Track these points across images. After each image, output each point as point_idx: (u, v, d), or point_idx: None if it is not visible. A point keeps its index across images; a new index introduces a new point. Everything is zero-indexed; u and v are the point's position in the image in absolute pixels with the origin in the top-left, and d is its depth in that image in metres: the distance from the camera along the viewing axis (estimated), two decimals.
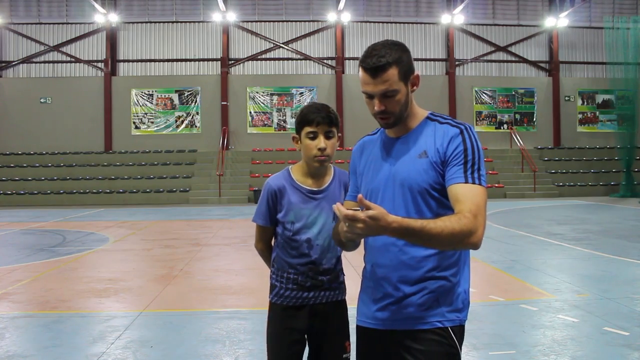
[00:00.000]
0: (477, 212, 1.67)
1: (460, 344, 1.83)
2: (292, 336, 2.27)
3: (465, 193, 1.71)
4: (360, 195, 1.56)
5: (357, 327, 1.98)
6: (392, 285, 1.83)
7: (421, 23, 23.55)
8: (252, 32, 23.19)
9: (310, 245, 2.27)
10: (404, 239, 1.64)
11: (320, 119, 2.23)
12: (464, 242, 1.64)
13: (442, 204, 1.80)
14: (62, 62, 22.82)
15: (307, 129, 2.25)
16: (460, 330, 1.84)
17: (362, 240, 1.96)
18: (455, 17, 22.73)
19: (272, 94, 22.90)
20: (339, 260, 2.36)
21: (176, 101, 22.83)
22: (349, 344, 2.31)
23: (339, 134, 2.33)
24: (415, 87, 1.85)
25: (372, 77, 1.77)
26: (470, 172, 1.74)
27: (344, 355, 2.29)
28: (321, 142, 2.23)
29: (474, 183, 1.72)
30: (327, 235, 2.28)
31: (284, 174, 2.36)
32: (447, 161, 1.77)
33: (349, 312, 2.37)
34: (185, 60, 23.02)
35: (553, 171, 22.04)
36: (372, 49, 1.79)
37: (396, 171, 1.84)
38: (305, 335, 2.30)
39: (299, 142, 2.31)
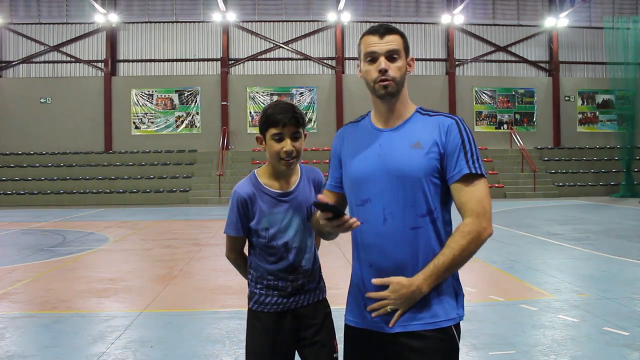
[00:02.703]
0: (480, 211, 1.75)
1: (459, 339, 1.83)
2: (276, 344, 2.19)
3: (467, 192, 1.76)
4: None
5: (349, 327, 1.93)
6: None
7: (421, 23, 23.56)
8: (252, 32, 23.19)
9: (288, 248, 2.20)
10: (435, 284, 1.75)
11: (287, 120, 2.11)
12: (477, 246, 1.76)
13: (437, 194, 1.80)
14: (62, 62, 22.82)
15: (273, 131, 2.13)
16: (459, 326, 1.84)
17: (351, 237, 1.94)
18: (455, 17, 22.73)
19: (272, 94, 22.90)
20: (316, 259, 2.29)
21: (176, 101, 22.83)
22: (337, 343, 2.26)
23: (305, 133, 2.23)
24: (410, 69, 1.88)
25: (379, 38, 1.83)
26: (472, 161, 1.77)
27: (334, 355, 2.24)
28: (288, 144, 2.12)
29: (476, 172, 1.77)
30: (303, 236, 2.22)
31: (251, 179, 2.27)
32: (447, 154, 1.78)
33: (336, 311, 2.34)
34: (185, 60, 23.02)
35: (553, 171, 22.04)
36: (379, 24, 1.89)
37: (388, 161, 1.81)
38: (296, 340, 2.24)
39: (263, 142, 2.19)
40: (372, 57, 1.83)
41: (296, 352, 2.28)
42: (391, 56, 1.82)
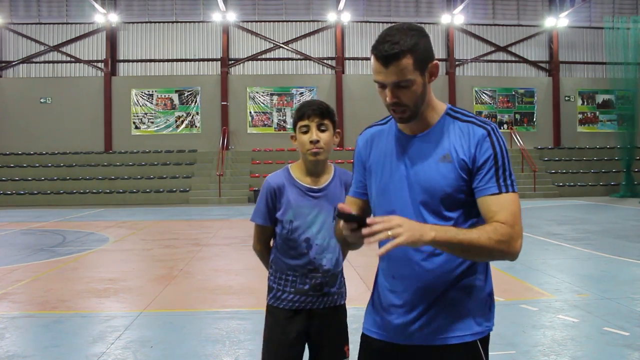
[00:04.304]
0: (513, 222, 1.58)
1: (487, 354, 1.72)
2: (290, 340, 2.22)
3: (499, 203, 1.61)
4: (369, 220, 1.49)
5: (366, 337, 1.83)
6: (417, 297, 1.69)
7: (421, 23, 23.35)
8: (252, 32, 23.19)
9: (309, 244, 2.22)
10: (440, 246, 1.54)
11: (311, 111, 2.21)
12: (503, 251, 1.57)
13: (465, 207, 1.67)
14: (62, 62, 22.83)
15: (300, 123, 2.23)
16: (487, 339, 1.73)
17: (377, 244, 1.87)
18: (455, 17, 22.73)
19: (272, 94, 22.91)
20: (339, 262, 2.29)
21: (176, 101, 22.83)
22: (349, 349, 2.27)
23: (337, 131, 2.28)
24: (433, 78, 1.68)
25: (383, 66, 1.61)
26: (503, 179, 1.63)
27: None
28: (313, 134, 2.20)
29: (507, 191, 1.62)
30: (327, 235, 2.23)
31: (283, 172, 2.32)
32: (475, 167, 1.64)
33: (349, 313, 2.35)
34: (185, 60, 23.02)
35: (553, 171, 22.04)
36: (386, 34, 1.62)
37: (415, 174, 1.69)
38: (305, 339, 2.26)
39: (296, 140, 2.28)
40: (380, 85, 1.66)
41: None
42: (399, 86, 1.62)
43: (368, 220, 1.49)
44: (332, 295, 2.27)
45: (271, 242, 2.40)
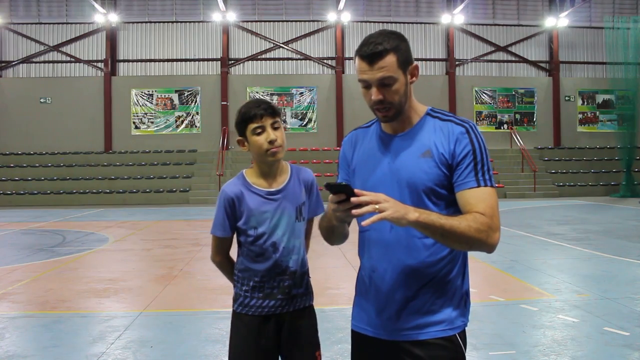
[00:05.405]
0: (492, 214, 1.65)
1: (465, 347, 1.79)
2: (259, 348, 2.17)
3: (477, 196, 1.67)
4: (357, 190, 1.54)
5: (354, 333, 1.89)
6: (395, 293, 1.76)
7: (421, 23, 23.56)
8: (252, 32, 23.19)
9: (276, 248, 2.17)
10: (422, 228, 1.59)
11: (263, 111, 2.13)
12: (481, 240, 1.62)
13: (447, 204, 1.73)
14: (62, 62, 22.82)
15: (252, 126, 2.14)
16: (464, 334, 1.80)
17: (358, 241, 1.89)
18: (455, 17, 22.74)
19: (272, 94, 22.91)
20: (304, 262, 2.26)
21: (176, 101, 22.83)
22: (320, 354, 2.23)
23: (285, 125, 2.26)
24: (414, 79, 1.77)
25: (369, 64, 1.69)
26: (481, 173, 1.70)
27: None
28: (270, 134, 2.12)
29: (485, 185, 1.69)
30: (292, 236, 2.19)
31: (239, 178, 2.25)
32: (454, 163, 1.71)
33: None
34: (185, 60, 23.03)
35: (553, 171, 22.04)
36: (369, 38, 1.72)
37: (397, 169, 1.76)
38: (277, 348, 2.20)
39: (246, 143, 2.19)
40: (365, 84, 1.74)
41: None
42: (384, 83, 1.70)
43: (356, 192, 1.55)
44: (301, 297, 2.23)
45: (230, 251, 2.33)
